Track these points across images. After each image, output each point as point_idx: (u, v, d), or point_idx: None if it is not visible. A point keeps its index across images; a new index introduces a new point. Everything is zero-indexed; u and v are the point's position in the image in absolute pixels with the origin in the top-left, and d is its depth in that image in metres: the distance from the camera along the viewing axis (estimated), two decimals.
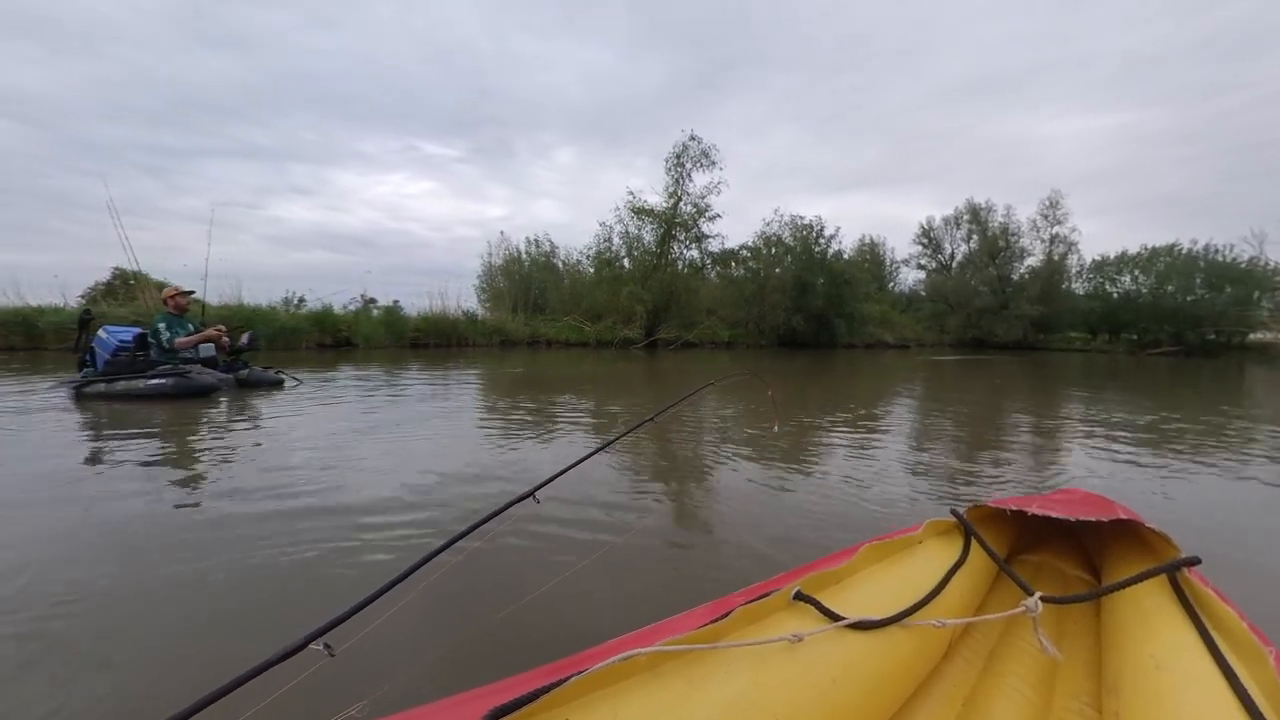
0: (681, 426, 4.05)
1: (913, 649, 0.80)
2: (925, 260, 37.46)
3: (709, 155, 21.10)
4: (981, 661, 0.95)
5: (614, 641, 0.66)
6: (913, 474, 2.85)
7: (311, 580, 1.56)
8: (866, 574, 0.89)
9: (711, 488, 2.54)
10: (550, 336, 18.05)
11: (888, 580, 0.88)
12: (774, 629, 0.70)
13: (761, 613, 0.72)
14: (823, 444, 3.57)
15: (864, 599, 0.81)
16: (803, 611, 0.74)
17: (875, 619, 0.76)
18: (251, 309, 12.68)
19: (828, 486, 2.55)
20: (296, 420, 4.07)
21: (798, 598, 0.75)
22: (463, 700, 0.54)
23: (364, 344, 13.79)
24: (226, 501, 2.22)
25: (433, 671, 1.06)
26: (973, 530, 1.05)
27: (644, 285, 19.97)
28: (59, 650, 1.22)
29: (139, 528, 1.94)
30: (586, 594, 1.40)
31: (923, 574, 0.92)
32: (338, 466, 2.76)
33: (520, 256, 23.00)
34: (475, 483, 2.52)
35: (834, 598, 0.78)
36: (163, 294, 5.57)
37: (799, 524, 2.04)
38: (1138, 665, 0.74)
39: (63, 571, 1.58)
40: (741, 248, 23.99)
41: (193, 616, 1.37)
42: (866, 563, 0.91)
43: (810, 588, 0.78)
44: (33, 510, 2.10)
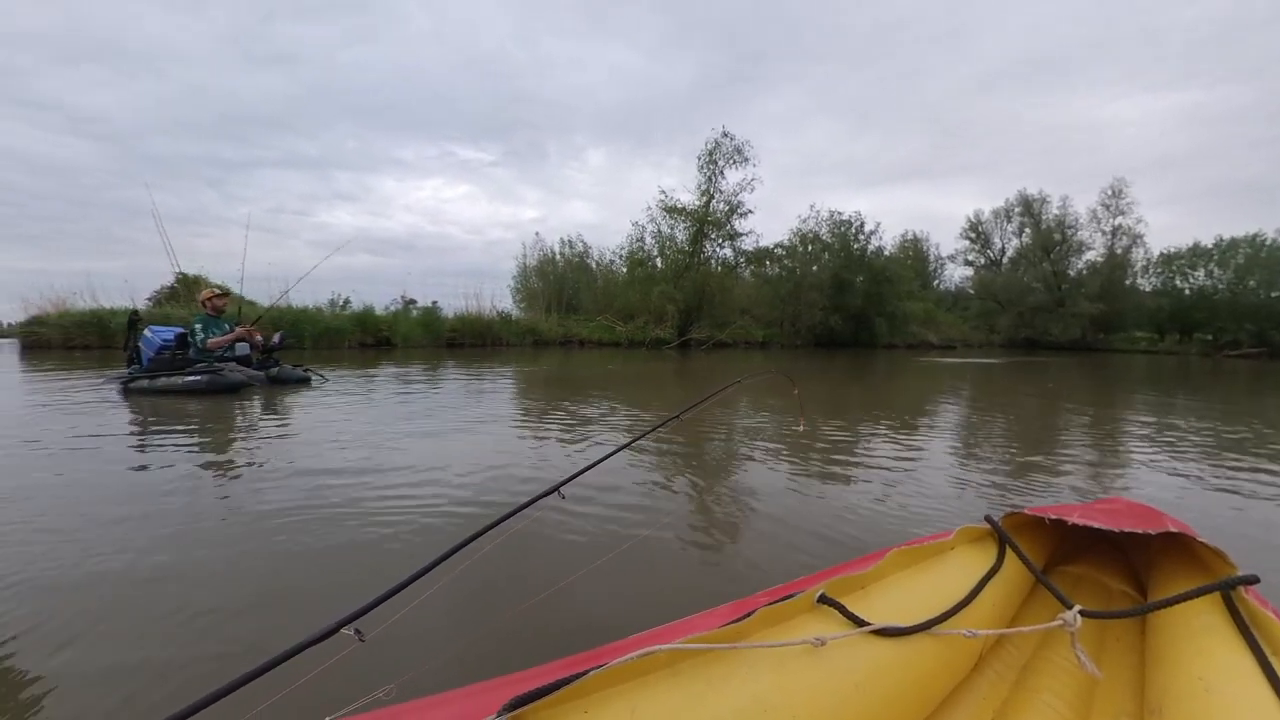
0: (708, 425, 3.96)
1: (941, 659, 0.77)
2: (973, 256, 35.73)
3: (742, 151, 20.73)
4: (1014, 675, 0.91)
5: (633, 637, 0.66)
6: (950, 480, 2.67)
7: (342, 565, 1.61)
8: (894, 580, 0.86)
9: (737, 487, 2.48)
10: (583, 336, 18.19)
11: (916, 587, 0.85)
12: (796, 632, 0.68)
13: (784, 615, 0.71)
14: (856, 446, 3.41)
15: (890, 605, 0.79)
16: (826, 615, 0.73)
17: (902, 626, 0.73)
18: (298, 310, 13.31)
19: (858, 489, 2.45)
20: (324, 415, 4.14)
21: (821, 601, 0.73)
22: (483, 689, 0.56)
23: (402, 343, 14.26)
24: (257, 488, 2.32)
25: (459, 658, 1.09)
26: (1007, 538, 1.01)
27: (676, 285, 19.82)
28: (126, 624, 1.30)
29: (182, 512, 2.06)
30: (609, 589, 1.40)
31: (953, 582, 0.88)
32: (366, 459, 2.83)
33: (554, 257, 23.32)
34: (502, 476, 2.54)
35: (859, 603, 0.76)
36: (200, 296, 5.89)
37: (825, 526, 1.99)
38: (1185, 687, 0.70)
39: (120, 555, 1.67)
40: (776, 246, 23.50)
41: (234, 596, 1.43)
42: (894, 568, 0.87)
43: (834, 591, 0.76)
44: (84, 496, 2.25)
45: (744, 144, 20.69)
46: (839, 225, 24.02)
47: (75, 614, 1.33)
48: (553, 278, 22.31)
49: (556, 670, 0.56)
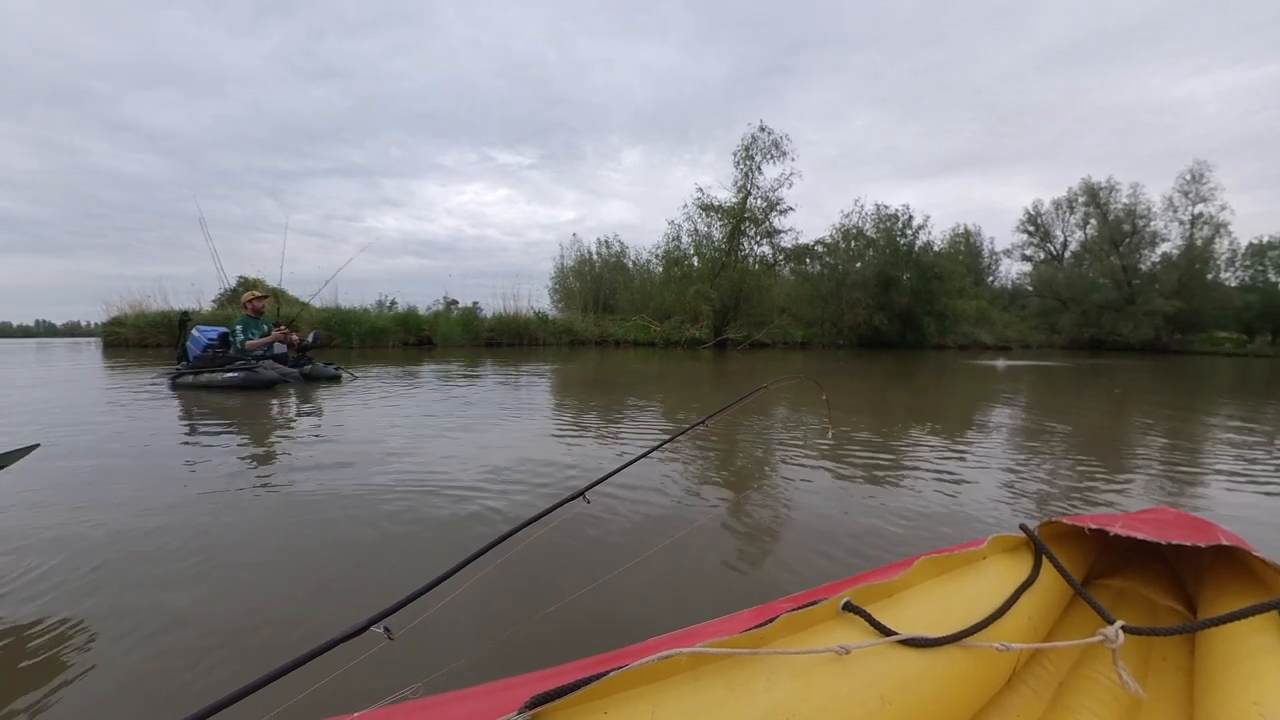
0: (737, 429, 3.83)
1: (971, 672, 0.75)
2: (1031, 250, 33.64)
3: (780, 146, 20.10)
4: (1049, 693, 0.88)
5: (654, 640, 0.65)
6: (990, 489, 2.47)
7: (369, 557, 1.67)
8: (922, 589, 0.83)
9: (764, 493, 2.40)
10: (618, 336, 18.21)
11: (945, 596, 0.83)
12: (820, 639, 0.67)
13: (807, 621, 0.69)
14: (891, 453, 3.22)
15: (918, 615, 0.76)
16: (851, 623, 0.71)
17: (931, 637, 0.71)
18: (346, 311, 13.91)
19: (889, 497, 2.32)
20: (352, 411, 4.38)
21: (846, 608, 0.71)
22: (505, 686, 0.56)
23: (442, 342, 14.69)
24: (288, 477, 2.46)
25: (484, 659, 1.12)
26: (1044, 548, 0.97)
27: (712, 283, 19.47)
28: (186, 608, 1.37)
29: (221, 499, 2.19)
30: (634, 594, 1.40)
31: (985, 592, 0.85)
32: (394, 453, 2.92)
33: (591, 258, 23.48)
34: (530, 473, 2.56)
35: (885, 611, 0.74)
36: (242, 299, 6.28)
37: (852, 533, 1.91)
38: (1238, 711, 0.67)
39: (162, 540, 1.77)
40: (817, 242, 22.62)
41: (268, 586, 1.50)
42: (922, 576, 0.84)
43: (860, 599, 0.74)
44: (141, 483, 2.44)
45: (782, 138, 20.09)
46: (884, 219, 23.09)
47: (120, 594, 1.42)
48: (589, 278, 22.46)
49: (577, 670, 0.56)
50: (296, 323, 7.44)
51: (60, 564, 1.55)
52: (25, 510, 1.98)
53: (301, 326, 7.87)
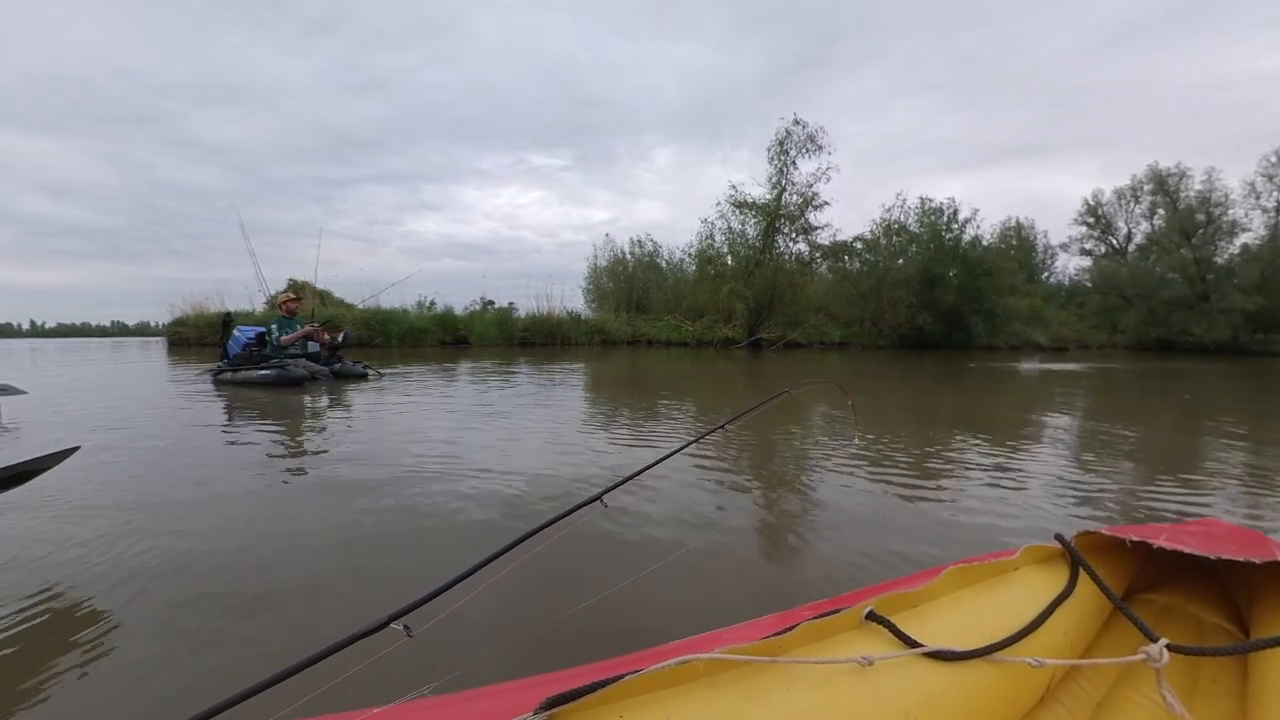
0: (765, 434, 3.74)
1: (1002, 688, 0.71)
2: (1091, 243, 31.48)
3: (815, 139, 19.51)
4: (1086, 713, 0.83)
5: (671, 645, 0.65)
6: (1035, 500, 2.30)
7: (395, 549, 1.75)
8: (950, 599, 0.80)
9: (788, 499, 2.32)
10: (650, 336, 18.16)
11: (975, 608, 0.79)
12: (841, 649, 0.65)
13: (828, 630, 0.67)
14: (926, 460, 3.06)
15: (946, 626, 0.73)
16: (874, 633, 0.69)
17: (958, 650, 0.68)
18: (387, 311, 14.41)
19: (922, 504, 2.20)
20: (377, 407, 4.55)
21: (869, 618, 0.69)
22: (520, 686, 0.57)
23: (477, 342, 15.03)
24: (312, 467, 2.63)
25: (501, 659, 1.13)
26: (1081, 560, 0.92)
27: (745, 282, 19.09)
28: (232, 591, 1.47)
29: (258, 487, 2.37)
30: (651, 599, 1.40)
31: (1017, 605, 0.82)
32: (418, 447, 3.02)
33: (624, 257, 23.49)
34: (552, 472, 2.57)
35: (910, 622, 0.71)
36: (277, 300, 6.81)
37: (878, 540, 1.84)
38: None
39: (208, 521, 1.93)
40: (855, 239, 21.85)
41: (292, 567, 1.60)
42: (950, 587, 0.81)
43: (884, 608, 0.71)
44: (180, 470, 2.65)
45: (817, 131, 19.50)
46: (929, 214, 22.10)
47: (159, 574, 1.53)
48: (622, 278, 22.48)
49: (593, 672, 0.56)
50: (338, 322, 7.75)
51: (102, 542, 1.71)
52: (85, 489, 2.26)
53: (343, 325, 8.31)
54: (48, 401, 4.73)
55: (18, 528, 1.85)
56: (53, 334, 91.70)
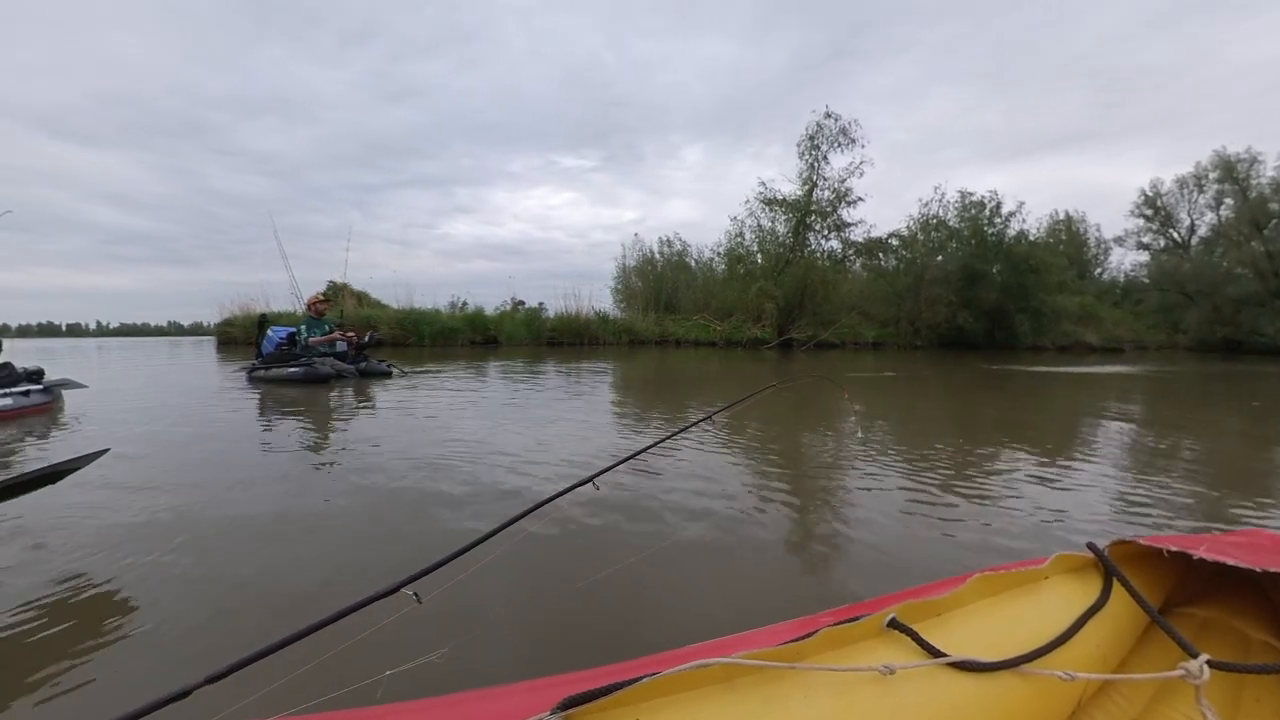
0: (790, 432, 3.62)
1: (1030, 702, 0.69)
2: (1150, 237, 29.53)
3: (848, 133, 18.89)
4: None
5: (688, 648, 0.65)
6: (1072, 507, 2.17)
7: (401, 527, 1.86)
8: (975, 608, 0.77)
9: (806, 496, 2.25)
10: (678, 336, 18.05)
11: (1001, 618, 0.77)
12: (862, 657, 0.64)
13: (849, 637, 0.66)
14: (963, 465, 2.90)
15: (971, 636, 0.71)
16: (896, 641, 0.67)
17: (984, 661, 0.66)
18: (420, 312, 14.80)
19: (952, 510, 2.11)
20: (400, 402, 4.67)
21: (891, 625, 0.68)
22: (537, 686, 0.57)
23: (506, 341, 15.27)
24: (339, 456, 2.65)
25: (505, 628, 1.17)
26: (1115, 570, 0.89)
27: (775, 281, 18.67)
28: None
29: (294, 473, 2.56)
30: (650, 581, 1.44)
31: (1047, 615, 0.79)
32: (443, 439, 3.16)
33: (653, 257, 23.45)
34: (552, 459, 2.64)
35: (934, 630, 0.69)
36: (306, 301, 7.15)
37: (903, 544, 1.79)
38: None
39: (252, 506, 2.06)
40: (891, 235, 21.07)
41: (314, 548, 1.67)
42: (976, 595, 0.79)
43: (907, 616, 0.69)
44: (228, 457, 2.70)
45: (850, 124, 18.86)
46: (969, 207, 21.19)
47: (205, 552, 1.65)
48: (651, 277, 22.43)
49: (610, 674, 0.56)
50: (373, 322, 8.05)
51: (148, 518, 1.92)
52: (128, 471, 2.48)
53: (369, 326, 8.72)
54: (105, 394, 5.20)
55: (86, 502, 2.10)
56: (116, 333, 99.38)
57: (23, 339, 51.21)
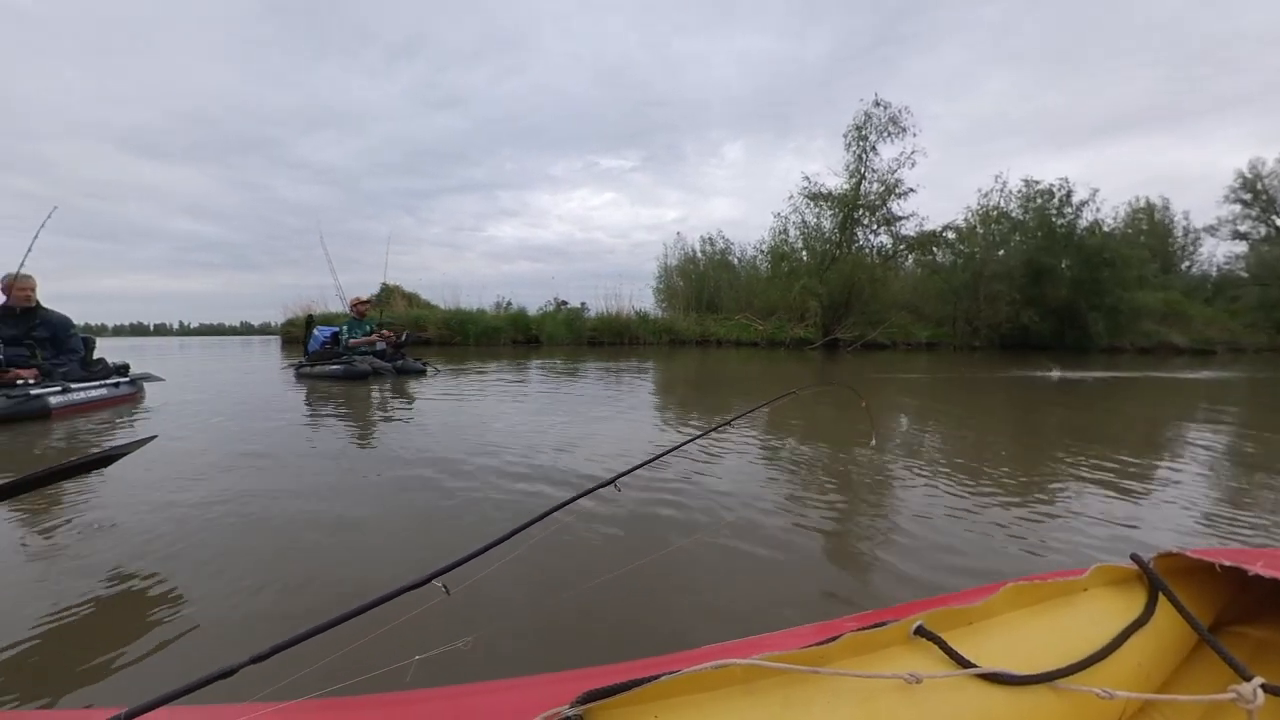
0: (824, 435, 3.47)
1: (1065, 719, 0.66)
2: (1248, 225, 26.67)
3: (898, 121, 17.89)
4: None
5: (707, 648, 0.64)
6: (1133, 521, 1.97)
7: (432, 517, 1.96)
8: (1007, 619, 0.75)
9: (831, 500, 2.15)
10: (720, 336, 17.78)
11: (1036, 630, 0.74)
12: (887, 664, 0.62)
13: (873, 643, 0.64)
14: (1014, 472, 2.65)
15: (1002, 648, 0.69)
16: (923, 650, 0.65)
17: (1016, 674, 0.64)
18: (465, 312, 15.28)
19: (989, 516, 1.98)
20: (434, 399, 4.82)
21: (918, 633, 0.66)
22: (557, 679, 0.57)
23: (547, 341, 15.52)
24: (373, 448, 2.75)
25: (528, 620, 1.23)
26: (1161, 584, 0.85)
27: (820, 278, 17.98)
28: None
29: (335, 463, 2.70)
30: (672, 579, 1.47)
31: (1085, 629, 0.76)
32: (464, 433, 3.27)
33: (695, 256, 23.22)
34: (579, 459, 2.67)
35: (963, 640, 0.67)
36: (349, 302, 7.55)
37: (935, 549, 1.71)
38: None
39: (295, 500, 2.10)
40: (946, 227, 19.66)
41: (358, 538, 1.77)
42: (1008, 605, 0.76)
43: (934, 624, 0.67)
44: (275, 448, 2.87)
45: (900, 111, 17.86)
46: (1035, 197, 19.73)
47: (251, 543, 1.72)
48: (693, 277, 22.22)
49: (628, 670, 0.56)
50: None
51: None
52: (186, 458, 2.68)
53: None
54: (180, 386, 5.93)
55: (148, 479, 2.35)
56: (195, 333, 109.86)
57: (117, 337, 57.69)
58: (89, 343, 4.70)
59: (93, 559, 1.55)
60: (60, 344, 4.35)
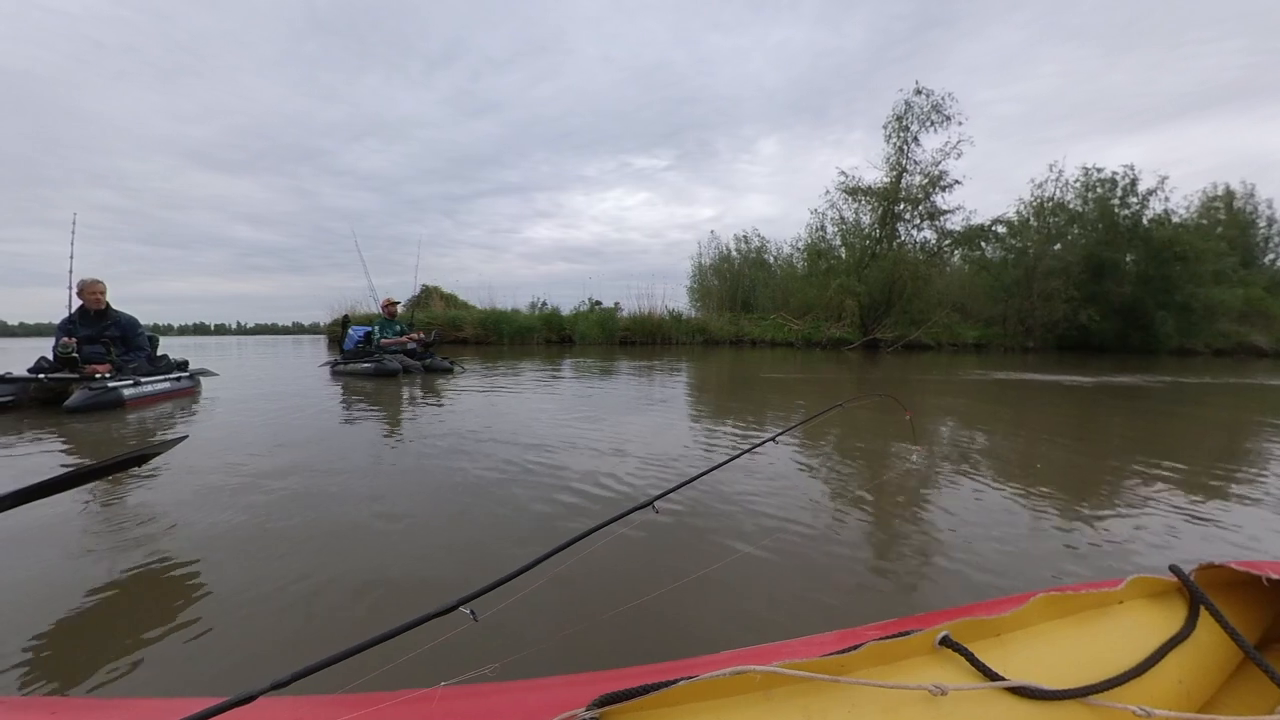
0: (844, 445, 3.31)
1: None
2: None
3: (941, 109, 17.02)
4: None
5: (726, 654, 0.64)
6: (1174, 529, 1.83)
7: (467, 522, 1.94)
8: (1037, 630, 0.72)
9: (863, 512, 2.08)
10: (754, 336, 17.50)
11: (1068, 642, 0.71)
12: (910, 674, 0.60)
13: (897, 653, 0.63)
14: (1071, 484, 2.50)
15: (1031, 660, 0.66)
16: (948, 660, 0.63)
17: (1046, 688, 0.61)
18: (500, 312, 15.63)
19: (1022, 524, 1.89)
20: (458, 396, 4.95)
21: (944, 643, 0.64)
22: (575, 681, 0.58)
23: (580, 340, 15.67)
24: (398, 444, 2.83)
25: (556, 647, 1.21)
26: (1203, 597, 0.81)
27: (859, 276, 17.39)
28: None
29: (352, 436, 2.87)
30: (702, 603, 1.42)
31: (1120, 643, 0.73)
32: (477, 429, 3.31)
33: (730, 255, 22.96)
34: (608, 469, 2.61)
35: (990, 652, 0.65)
36: (380, 303, 7.94)
37: (962, 558, 1.65)
38: None
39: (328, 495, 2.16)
40: (995, 221, 18.67)
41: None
42: (1038, 616, 0.74)
43: (960, 635, 0.66)
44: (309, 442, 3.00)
45: (943, 98, 16.98)
46: (1094, 186, 18.50)
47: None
48: (728, 276, 21.98)
49: (646, 674, 0.56)
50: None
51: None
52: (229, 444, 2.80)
53: (425, 326, 9.75)
54: (234, 381, 6.40)
55: (199, 468, 2.49)
56: (252, 332, 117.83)
57: (182, 336, 62.93)
58: (153, 341, 5.12)
59: (138, 544, 1.65)
60: (129, 342, 4.71)
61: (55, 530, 1.75)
